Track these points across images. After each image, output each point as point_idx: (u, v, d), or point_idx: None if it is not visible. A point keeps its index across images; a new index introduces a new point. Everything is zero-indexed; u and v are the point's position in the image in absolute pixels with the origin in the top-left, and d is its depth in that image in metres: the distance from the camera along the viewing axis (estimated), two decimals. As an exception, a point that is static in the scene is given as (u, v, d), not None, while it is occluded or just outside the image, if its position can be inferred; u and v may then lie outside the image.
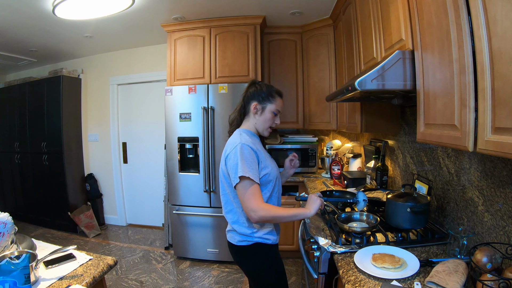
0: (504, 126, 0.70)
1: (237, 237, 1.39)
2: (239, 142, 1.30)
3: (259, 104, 1.41)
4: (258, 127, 1.44)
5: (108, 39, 3.48)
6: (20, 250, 1.11)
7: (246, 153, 1.28)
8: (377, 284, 1.01)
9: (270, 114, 1.42)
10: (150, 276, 2.81)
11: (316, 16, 2.90)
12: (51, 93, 3.86)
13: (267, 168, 1.35)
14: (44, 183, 4.04)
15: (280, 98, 1.45)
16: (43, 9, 2.45)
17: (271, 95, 1.42)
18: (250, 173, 1.25)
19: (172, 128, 2.94)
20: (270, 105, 1.42)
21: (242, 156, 1.27)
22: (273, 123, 1.44)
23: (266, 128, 1.44)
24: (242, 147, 1.29)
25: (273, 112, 1.42)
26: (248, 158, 1.28)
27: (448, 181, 1.44)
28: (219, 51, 2.93)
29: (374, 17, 1.65)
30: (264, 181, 1.35)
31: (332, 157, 2.88)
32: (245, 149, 1.29)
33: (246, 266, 1.44)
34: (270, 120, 1.42)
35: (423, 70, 1.12)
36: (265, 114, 1.42)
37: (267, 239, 1.39)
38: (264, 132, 1.45)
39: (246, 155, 1.28)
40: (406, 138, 1.91)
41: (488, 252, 0.94)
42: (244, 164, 1.26)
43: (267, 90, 1.43)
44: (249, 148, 1.30)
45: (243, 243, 1.38)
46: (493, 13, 0.72)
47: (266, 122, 1.42)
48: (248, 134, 1.40)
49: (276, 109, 1.42)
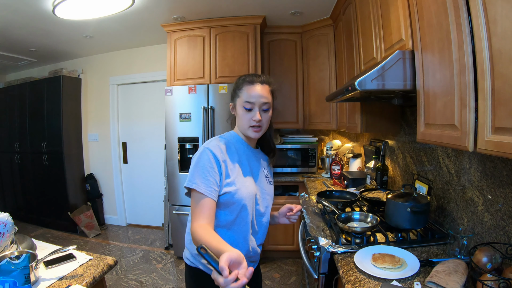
0: (504, 126, 0.70)
1: (186, 252, 1.21)
2: (204, 146, 1.11)
3: (232, 102, 1.19)
4: (240, 129, 1.18)
5: (108, 39, 3.48)
6: (20, 250, 1.11)
7: (204, 159, 1.06)
8: (377, 284, 1.01)
9: (241, 110, 1.13)
10: (150, 276, 2.81)
11: (316, 16, 2.90)
12: (51, 93, 3.86)
13: (232, 186, 1.08)
14: (44, 183, 4.04)
15: (250, 85, 1.12)
16: (43, 9, 2.45)
17: (237, 88, 1.16)
18: (197, 185, 1.02)
19: (172, 128, 2.94)
20: (238, 99, 1.15)
21: (198, 163, 1.06)
22: (250, 121, 1.12)
23: (246, 128, 1.14)
24: (202, 153, 1.08)
25: (243, 107, 1.12)
26: (204, 166, 1.05)
27: (448, 181, 1.44)
28: (219, 51, 2.93)
29: (374, 17, 1.65)
30: (225, 201, 1.09)
31: (332, 157, 2.88)
32: (204, 155, 1.07)
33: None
34: (243, 117, 1.13)
35: (423, 70, 1.12)
36: (238, 112, 1.15)
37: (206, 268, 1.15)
38: (248, 133, 1.15)
39: (203, 162, 1.06)
40: (406, 138, 1.91)
41: (488, 252, 0.94)
42: (196, 172, 1.05)
43: (236, 83, 1.19)
44: (210, 154, 1.07)
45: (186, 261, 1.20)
46: (493, 13, 0.72)
47: (242, 120, 1.14)
48: (226, 139, 1.18)
49: (245, 101, 1.11)
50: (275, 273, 2.80)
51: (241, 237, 1.14)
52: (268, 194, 1.24)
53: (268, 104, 1.14)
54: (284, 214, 1.30)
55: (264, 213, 1.21)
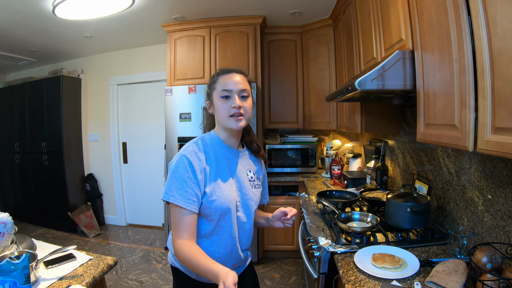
0: (504, 126, 0.70)
1: (169, 254, 1.21)
2: (180, 152, 1.05)
3: (208, 99, 1.15)
4: (221, 124, 1.10)
5: (108, 39, 3.48)
6: (20, 250, 1.11)
7: (181, 169, 1.01)
8: (377, 284, 1.01)
9: (219, 101, 1.08)
10: (150, 276, 2.81)
11: (316, 16, 2.90)
12: (51, 93, 3.86)
13: (211, 195, 1.03)
14: (44, 183, 4.04)
15: (225, 75, 1.10)
16: (43, 9, 2.45)
17: (212, 82, 1.13)
18: (174, 198, 0.98)
19: (172, 128, 2.94)
20: (214, 92, 1.11)
21: (175, 173, 1.01)
22: (230, 108, 1.06)
23: (226, 119, 1.07)
24: (178, 161, 1.03)
25: (220, 96, 1.08)
26: (181, 177, 1.00)
27: (448, 181, 1.44)
28: (219, 51, 2.93)
29: (374, 17, 1.65)
30: (202, 211, 1.04)
31: (332, 157, 2.88)
32: (181, 164, 1.01)
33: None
34: (222, 108, 1.07)
35: (423, 70, 1.12)
36: (215, 105, 1.10)
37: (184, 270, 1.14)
38: (230, 125, 1.07)
39: (180, 172, 1.00)
40: (406, 138, 1.91)
41: (488, 252, 0.94)
42: (173, 184, 1.00)
43: (210, 79, 1.16)
44: (186, 162, 1.01)
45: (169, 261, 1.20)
46: (493, 13, 0.72)
47: (220, 112, 1.08)
48: (204, 141, 1.12)
49: (222, 89, 1.08)
50: (275, 273, 2.80)
51: (221, 247, 1.09)
52: (250, 199, 1.15)
53: (246, 91, 1.10)
54: (278, 218, 1.25)
55: (246, 220, 1.15)
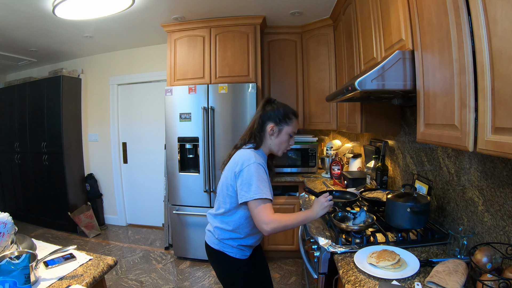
0: (504, 126, 0.70)
1: (214, 240, 1.44)
2: (254, 161, 1.30)
3: (276, 126, 1.40)
4: (273, 148, 1.43)
5: (108, 39, 3.48)
6: (20, 250, 1.11)
7: (262, 173, 1.31)
8: (377, 284, 1.01)
9: (286, 136, 1.41)
10: (150, 276, 2.81)
11: (316, 16, 2.90)
12: (51, 93, 3.86)
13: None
14: (44, 183, 4.04)
15: (296, 119, 1.44)
16: (43, 9, 2.45)
17: (288, 117, 1.41)
18: (266, 194, 1.28)
19: (172, 128, 2.94)
20: (287, 127, 1.41)
21: (258, 176, 1.29)
22: (288, 145, 1.44)
23: (283, 149, 1.44)
24: (258, 167, 1.30)
25: (289, 134, 1.42)
26: (264, 178, 1.31)
27: (448, 181, 1.44)
28: (219, 51, 2.93)
29: (374, 17, 1.65)
30: None
31: (332, 157, 2.88)
32: (261, 169, 1.31)
33: (215, 269, 1.51)
34: (286, 142, 1.42)
35: (423, 70, 1.12)
36: (281, 136, 1.41)
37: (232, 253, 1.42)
38: (279, 153, 1.45)
39: (262, 175, 1.30)
40: (406, 138, 1.91)
41: (488, 252, 0.94)
42: (260, 185, 1.28)
43: (284, 111, 1.41)
44: (262, 168, 1.32)
45: (216, 246, 1.43)
46: (493, 13, 0.72)
47: (282, 144, 1.42)
48: (260, 154, 1.41)
49: (293, 131, 1.42)
50: (275, 273, 2.80)
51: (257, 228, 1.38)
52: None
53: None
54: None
55: None
